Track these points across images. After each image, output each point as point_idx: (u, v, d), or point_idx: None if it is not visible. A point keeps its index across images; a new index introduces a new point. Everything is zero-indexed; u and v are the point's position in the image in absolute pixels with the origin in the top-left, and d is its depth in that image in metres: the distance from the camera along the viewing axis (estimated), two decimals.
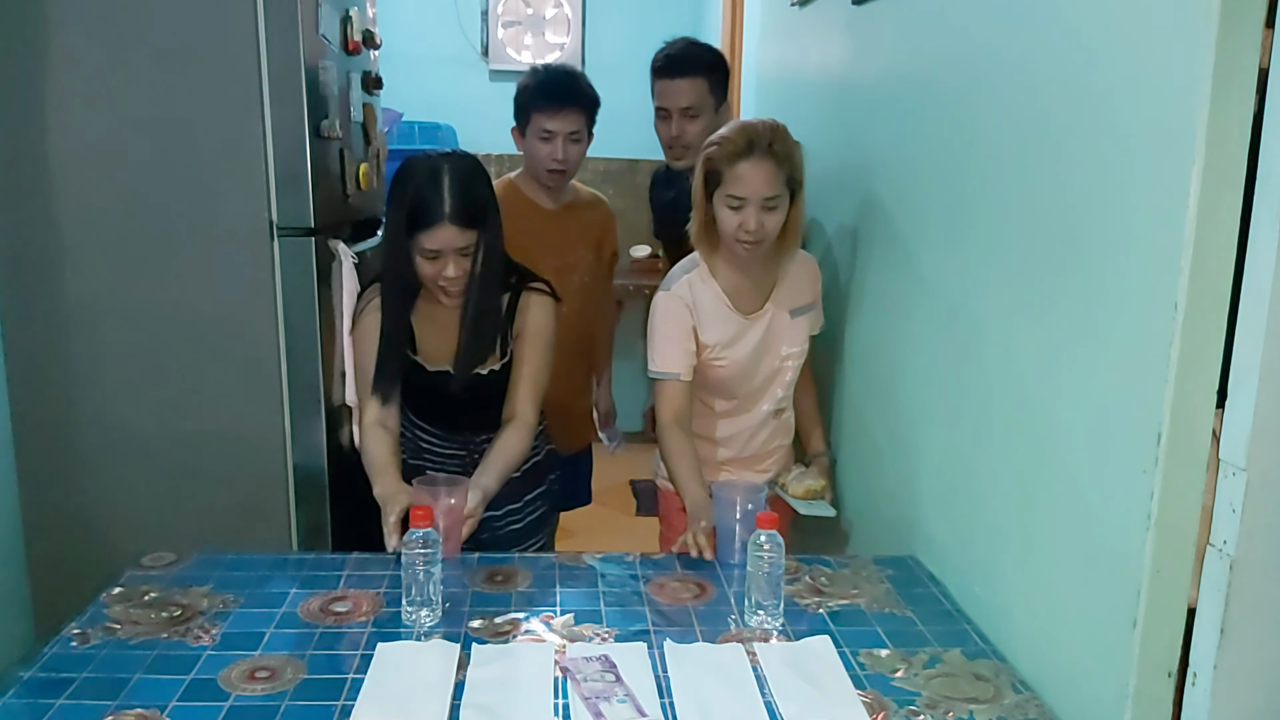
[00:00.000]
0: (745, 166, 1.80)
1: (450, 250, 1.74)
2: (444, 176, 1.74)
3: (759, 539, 1.46)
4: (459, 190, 1.74)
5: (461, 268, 1.77)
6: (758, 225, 1.82)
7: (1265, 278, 1.01)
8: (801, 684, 1.31)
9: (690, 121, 2.36)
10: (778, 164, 1.81)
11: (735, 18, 3.85)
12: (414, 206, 1.74)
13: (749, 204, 1.81)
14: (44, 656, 1.36)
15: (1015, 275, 1.44)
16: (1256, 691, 1.08)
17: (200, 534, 2.20)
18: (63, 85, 2.15)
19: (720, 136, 1.86)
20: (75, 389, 2.25)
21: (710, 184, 1.86)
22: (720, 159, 1.83)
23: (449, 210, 1.72)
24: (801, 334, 2.03)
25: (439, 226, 1.72)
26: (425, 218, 1.73)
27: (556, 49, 4.61)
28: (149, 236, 2.21)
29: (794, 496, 2.01)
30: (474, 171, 1.80)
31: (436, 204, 1.72)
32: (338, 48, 2.47)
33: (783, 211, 1.85)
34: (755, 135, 1.81)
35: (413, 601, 1.46)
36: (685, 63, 2.36)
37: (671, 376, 1.92)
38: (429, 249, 1.74)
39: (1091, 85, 1.24)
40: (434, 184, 1.73)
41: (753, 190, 1.80)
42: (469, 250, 1.76)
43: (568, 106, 2.30)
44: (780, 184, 1.82)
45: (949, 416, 1.68)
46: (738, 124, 1.88)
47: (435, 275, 1.77)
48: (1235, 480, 1.05)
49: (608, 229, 2.58)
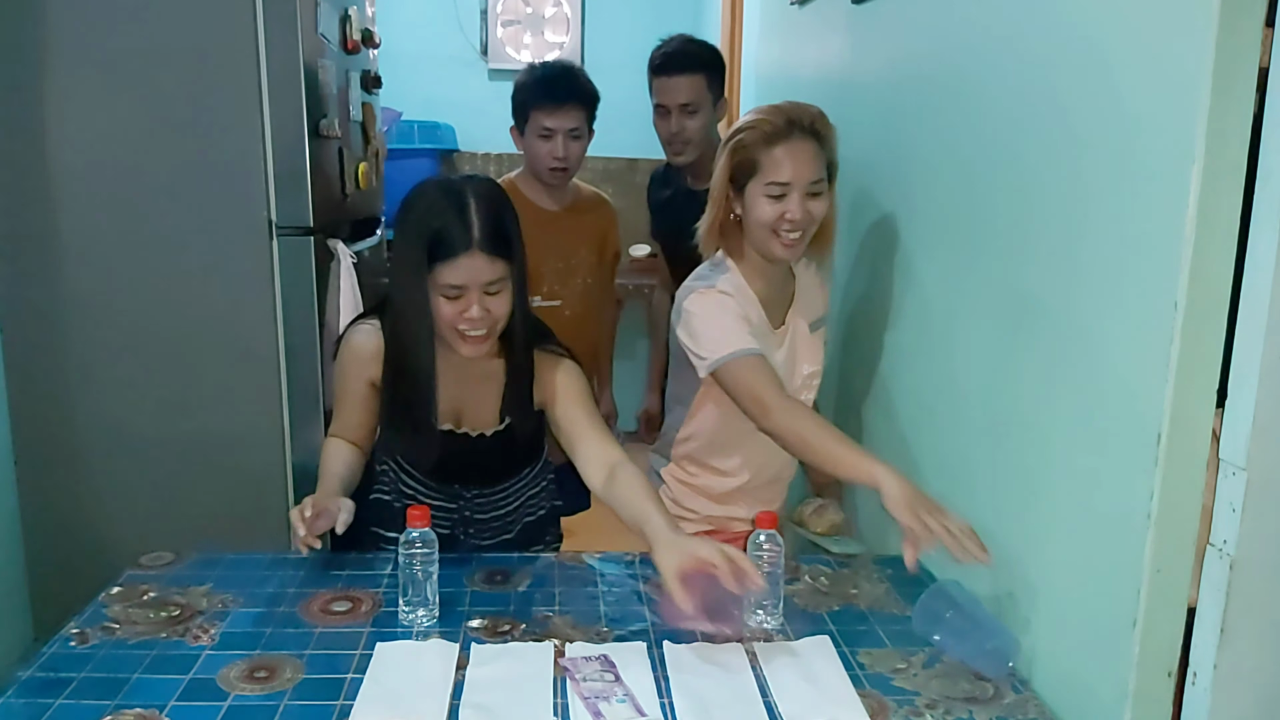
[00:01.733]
0: (786, 148, 1.61)
1: (476, 286, 1.50)
2: (469, 199, 1.50)
3: (759, 539, 1.46)
4: (487, 215, 1.50)
5: (485, 307, 1.51)
6: (804, 214, 1.62)
7: (1265, 277, 1.01)
8: (801, 684, 1.31)
9: (689, 118, 2.35)
10: (820, 145, 1.64)
11: (734, 16, 3.85)
12: (434, 234, 1.48)
13: (793, 189, 1.61)
14: (43, 656, 1.36)
15: (1015, 274, 1.44)
16: (1256, 691, 1.08)
17: (199, 533, 2.20)
18: (61, 85, 2.15)
19: (751, 120, 1.65)
20: (74, 388, 2.25)
21: (741, 175, 1.65)
22: (755, 143, 1.62)
23: (478, 236, 1.48)
24: (819, 351, 1.83)
25: (465, 256, 1.48)
26: (448, 246, 1.48)
27: (556, 48, 4.61)
28: (147, 235, 2.21)
29: (818, 534, 1.86)
30: (500, 196, 1.56)
31: (462, 230, 1.48)
32: (337, 46, 2.47)
33: (826, 200, 1.66)
34: (795, 115, 1.63)
35: (410, 601, 1.46)
36: (682, 60, 2.36)
37: (744, 353, 1.60)
38: (451, 284, 1.49)
39: (1091, 84, 1.24)
40: (458, 208, 1.49)
41: (797, 174, 1.61)
42: (495, 287, 1.51)
43: (567, 103, 2.28)
44: (823, 168, 1.65)
45: (949, 415, 1.68)
46: (767, 107, 1.67)
47: (455, 317, 1.51)
48: (1235, 480, 1.05)
49: (610, 229, 2.55)
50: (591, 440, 1.61)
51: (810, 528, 1.89)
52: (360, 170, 2.59)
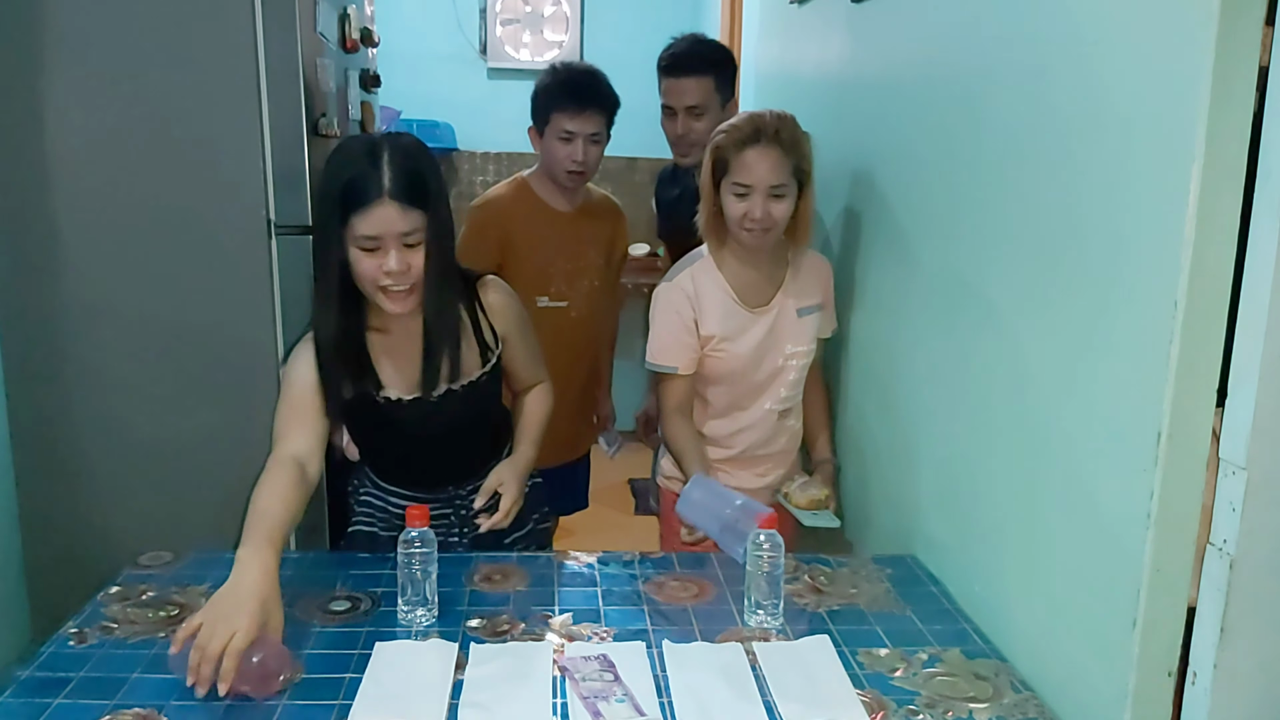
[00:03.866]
0: (751, 154, 1.80)
1: (391, 236, 1.49)
2: (382, 152, 1.50)
3: (759, 539, 1.46)
4: (400, 165, 1.50)
5: (405, 262, 1.51)
6: (764, 213, 1.81)
7: (1265, 276, 1.01)
8: (801, 683, 1.31)
9: (696, 119, 2.34)
10: (784, 152, 1.81)
11: (734, 15, 3.84)
12: (347, 185, 1.49)
13: (755, 191, 1.81)
14: (41, 656, 1.36)
15: (1015, 274, 1.44)
16: (1256, 691, 1.08)
17: (198, 532, 2.19)
18: (60, 83, 2.15)
19: (728, 125, 1.86)
20: (72, 387, 2.25)
21: (718, 172, 1.86)
22: (727, 146, 1.83)
23: (389, 185, 1.48)
24: (808, 333, 2.00)
25: (377, 205, 1.48)
26: (361, 196, 1.48)
27: (555, 46, 4.60)
28: (146, 234, 2.21)
29: (797, 507, 1.96)
30: (417, 149, 1.57)
31: (374, 180, 1.48)
32: (336, 45, 2.47)
33: (790, 201, 1.84)
34: (762, 123, 1.81)
35: (409, 601, 1.46)
36: (691, 61, 2.35)
37: (670, 370, 1.93)
38: (366, 235, 1.49)
39: (1091, 83, 1.24)
40: (371, 159, 1.49)
41: (758, 178, 1.80)
42: (413, 238, 1.51)
43: (589, 108, 2.27)
44: (787, 173, 1.82)
45: (949, 415, 1.67)
46: (745, 113, 1.88)
47: (375, 272, 1.51)
48: (1235, 479, 1.05)
49: (620, 233, 2.55)
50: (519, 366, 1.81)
51: (792, 501, 1.98)
52: None
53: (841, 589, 1.61)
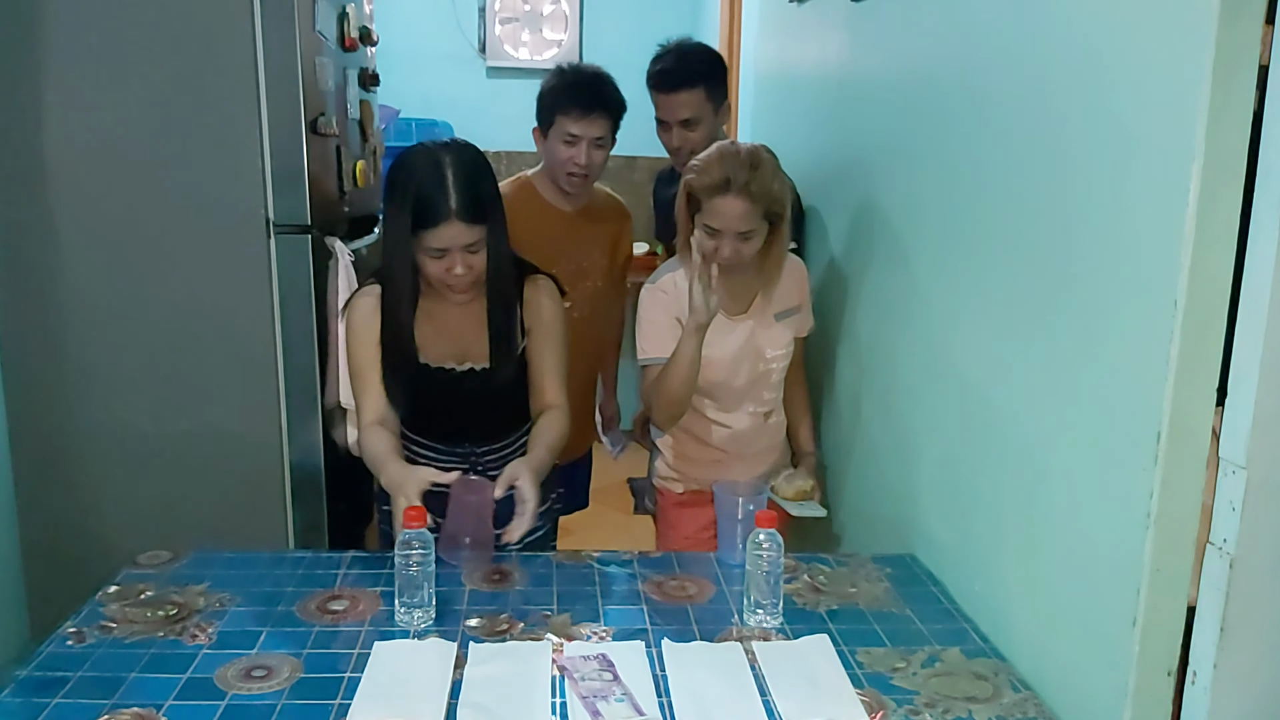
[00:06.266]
0: (720, 202, 1.81)
1: (457, 248, 1.65)
2: (447, 170, 1.64)
3: (758, 538, 1.46)
4: (464, 184, 1.64)
5: (468, 264, 1.68)
6: (733, 252, 1.84)
7: (1265, 275, 1.01)
8: (800, 683, 1.31)
9: (690, 130, 2.33)
10: (753, 202, 1.81)
11: (733, 14, 3.84)
12: (417, 203, 1.64)
13: (724, 235, 1.83)
14: (40, 655, 1.36)
15: (1014, 273, 1.44)
16: (1256, 690, 1.08)
17: (196, 532, 2.20)
18: (58, 83, 2.15)
19: (701, 163, 1.85)
20: (71, 386, 2.25)
21: (691, 206, 1.88)
22: (699, 189, 1.84)
23: (455, 207, 1.62)
24: (786, 337, 2.04)
25: (445, 225, 1.63)
26: (430, 216, 1.63)
27: (554, 45, 4.60)
28: (145, 234, 2.20)
29: (784, 498, 2.01)
30: (477, 164, 1.71)
31: (441, 201, 1.63)
32: (335, 44, 2.46)
33: (760, 238, 1.86)
34: (733, 173, 1.80)
35: (406, 603, 1.46)
36: (679, 75, 2.33)
37: (662, 361, 1.92)
38: (435, 248, 1.65)
39: (1091, 82, 1.24)
40: (437, 179, 1.64)
41: (727, 225, 1.82)
42: (476, 247, 1.67)
43: (595, 111, 2.25)
44: (757, 219, 1.83)
45: (948, 414, 1.67)
46: (717, 153, 1.86)
47: (441, 274, 1.69)
48: (1235, 478, 1.05)
49: (624, 234, 2.53)
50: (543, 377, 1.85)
51: (780, 493, 2.02)
52: (358, 168, 2.58)
53: (841, 588, 1.61)
